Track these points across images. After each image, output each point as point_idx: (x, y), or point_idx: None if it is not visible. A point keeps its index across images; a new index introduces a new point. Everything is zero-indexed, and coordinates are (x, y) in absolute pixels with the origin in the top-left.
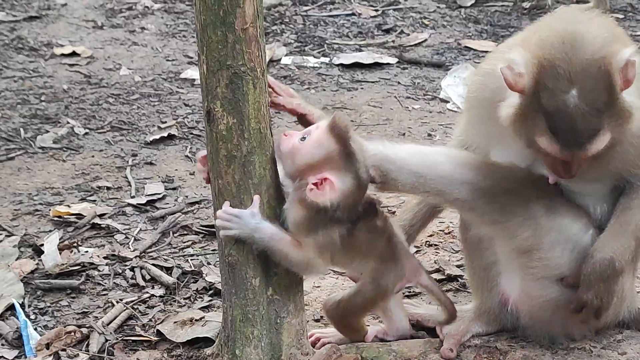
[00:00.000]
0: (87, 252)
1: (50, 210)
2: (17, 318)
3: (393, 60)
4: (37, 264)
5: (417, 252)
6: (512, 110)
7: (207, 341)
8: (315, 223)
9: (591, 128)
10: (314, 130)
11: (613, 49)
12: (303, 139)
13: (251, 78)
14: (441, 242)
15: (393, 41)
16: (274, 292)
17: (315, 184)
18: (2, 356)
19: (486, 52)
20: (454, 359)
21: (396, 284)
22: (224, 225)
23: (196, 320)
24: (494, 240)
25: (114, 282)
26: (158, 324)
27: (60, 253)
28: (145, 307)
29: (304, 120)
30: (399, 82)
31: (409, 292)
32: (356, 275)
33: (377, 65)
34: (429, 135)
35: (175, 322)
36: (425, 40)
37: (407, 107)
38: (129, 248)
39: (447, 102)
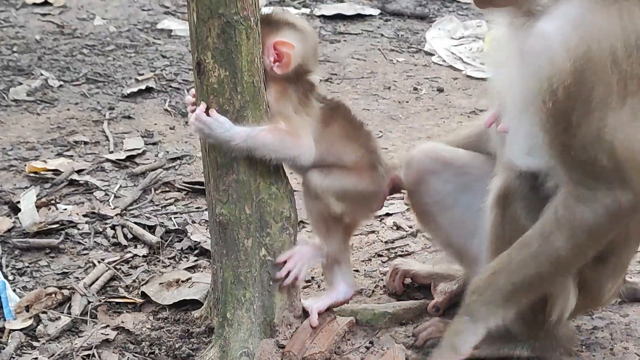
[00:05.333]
0: (65, 209)
1: (25, 165)
2: None
3: (375, 12)
4: (14, 222)
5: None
6: None
7: (194, 303)
8: (291, 96)
9: None
10: None
11: None
12: None
13: (244, 28)
14: None
15: None
16: (267, 253)
17: (276, 58)
18: None
19: (470, 3)
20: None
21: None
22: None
23: (182, 281)
24: None
25: (95, 241)
26: (142, 285)
27: (37, 211)
28: (128, 268)
29: None
30: (382, 35)
31: (402, 251)
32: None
33: (359, 17)
34: (415, 89)
35: (160, 284)
36: None
37: (392, 60)
38: (109, 205)
39: (432, 54)
